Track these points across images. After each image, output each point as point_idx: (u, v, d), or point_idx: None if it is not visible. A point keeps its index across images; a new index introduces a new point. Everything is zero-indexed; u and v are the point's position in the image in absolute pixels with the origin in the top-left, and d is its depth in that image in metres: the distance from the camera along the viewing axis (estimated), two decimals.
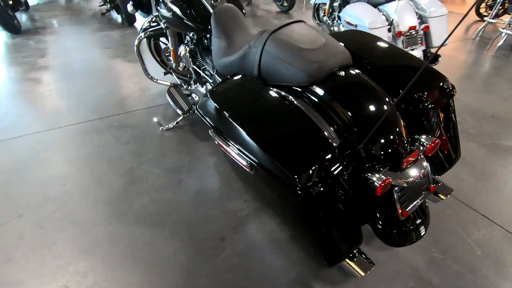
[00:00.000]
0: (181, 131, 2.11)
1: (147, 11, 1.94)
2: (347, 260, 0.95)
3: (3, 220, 1.43)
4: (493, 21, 4.53)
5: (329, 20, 4.01)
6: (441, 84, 1.08)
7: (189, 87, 2.07)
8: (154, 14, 2.16)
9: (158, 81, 2.40)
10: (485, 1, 5.67)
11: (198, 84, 1.92)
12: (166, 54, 2.49)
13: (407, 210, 0.94)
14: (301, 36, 1.08)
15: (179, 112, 1.97)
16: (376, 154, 0.91)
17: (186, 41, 1.83)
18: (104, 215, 1.47)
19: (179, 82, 2.27)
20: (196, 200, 1.56)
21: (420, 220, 1.01)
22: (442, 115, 1.15)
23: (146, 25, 2.29)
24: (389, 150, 0.91)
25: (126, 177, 1.69)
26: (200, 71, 1.86)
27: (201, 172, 1.75)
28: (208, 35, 1.66)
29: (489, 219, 1.48)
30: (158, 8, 1.74)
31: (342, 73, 1.01)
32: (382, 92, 0.99)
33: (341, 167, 0.85)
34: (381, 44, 1.27)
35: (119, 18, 4.86)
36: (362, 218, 1.00)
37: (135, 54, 2.18)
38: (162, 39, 2.47)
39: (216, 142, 1.09)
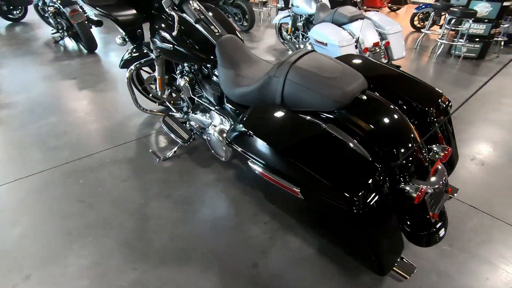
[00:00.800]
0: (179, 159, 2.07)
1: (139, 43, 1.91)
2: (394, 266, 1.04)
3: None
4: (429, 32, 5.21)
5: (293, 38, 4.27)
6: (440, 99, 1.26)
7: (185, 115, 2.06)
8: (132, 46, 2.15)
9: (150, 112, 2.35)
10: (418, 15, 6.49)
11: (198, 112, 1.93)
12: (150, 83, 2.45)
13: (436, 212, 1.07)
14: (320, 64, 1.18)
15: (179, 141, 1.95)
16: (407, 167, 1.03)
17: (184, 72, 1.84)
18: (125, 260, 1.39)
19: (174, 110, 2.24)
20: (217, 229, 1.55)
21: (441, 221, 1.15)
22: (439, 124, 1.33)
23: (127, 56, 2.24)
24: (418, 162, 1.04)
25: (137, 216, 1.62)
26: (201, 100, 1.87)
27: (213, 199, 1.74)
28: (209, 65, 1.70)
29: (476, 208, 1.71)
30: (155, 40, 1.73)
31: (364, 97, 1.12)
32: (398, 110, 1.13)
33: (385, 183, 0.95)
34: (377, 65, 1.43)
35: (76, 46, 4.61)
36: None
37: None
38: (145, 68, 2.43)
39: (257, 172, 1.12)
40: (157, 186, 1.83)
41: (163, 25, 1.67)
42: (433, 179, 1.07)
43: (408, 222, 1.08)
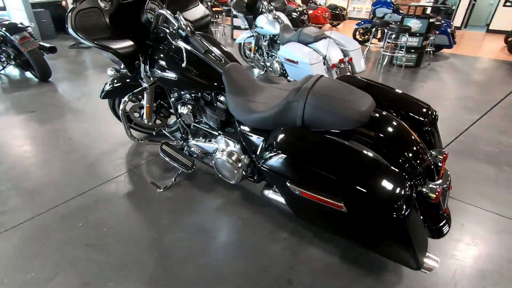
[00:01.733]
0: (181, 187, 2.04)
1: (135, 73, 1.86)
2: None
3: None
4: (372, 45, 5.87)
5: (258, 56, 4.47)
6: (429, 111, 1.48)
7: (184, 142, 2.04)
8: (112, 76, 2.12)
9: (144, 142, 2.28)
10: (358, 30, 7.25)
11: (198, 137, 1.94)
12: (135, 111, 2.39)
13: (446, 207, 1.26)
14: (334, 88, 1.32)
15: (182, 168, 1.93)
16: (423, 171, 1.20)
17: (185, 100, 1.84)
18: None
19: (172, 138, 2.20)
20: (240, 252, 1.57)
21: (447, 214, 1.35)
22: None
23: (108, 87, 2.17)
24: (431, 166, 1.22)
25: (155, 251, 1.56)
26: (201, 126, 1.89)
27: (227, 223, 1.76)
28: (212, 92, 1.74)
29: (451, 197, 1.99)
30: (154, 70, 1.72)
31: (377, 114, 1.28)
32: (404, 124, 1.31)
33: (413, 189, 1.10)
34: (372, 84, 1.62)
35: (23, 75, 4.20)
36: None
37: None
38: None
39: (296, 192, 1.20)
40: (165, 217, 1.78)
41: (164, 56, 1.68)
42: (444, 179, 1.26)
43: (428, 219, 1.25)
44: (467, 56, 6.60)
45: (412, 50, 5.24)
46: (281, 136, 1.29)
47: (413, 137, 1.26)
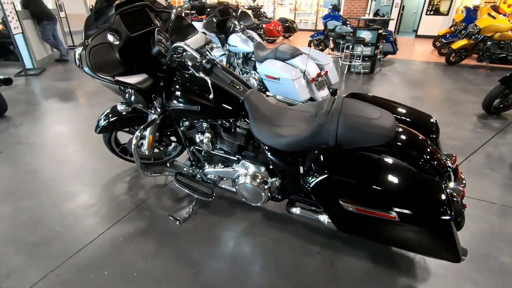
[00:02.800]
0: (199, 216, 2.00)
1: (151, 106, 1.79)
2: None
3: None
4: (330, 55, 6.32)
5: None
6: (432, 120, 1.69)
7: (200, 170, 2.01)
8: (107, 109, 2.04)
9: (156, 175, 2.18)
10: (313, 41, 7.74)
11: (216, 164, 1.93)
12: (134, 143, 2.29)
13: (465, 203, 1.46)
14: (360, 108, 1.45)
15: (202, 197, 1.90)
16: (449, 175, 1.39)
17: (204, 129, 1.83)
18: None
19: (186, 168, 2.13)
20: (282, 273, 1.60)
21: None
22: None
23: (104, 122, 2.06)
24: (452, 169, 1.41)
25: (198, 287, 1.52)
26: (218, 152, 1.89)
27: (259, 246, 1.78)
28: (231, 120, 1.76)
29: None
30: (172, 102, 1.69)
31: (400, 129, 1.45)
32: (420, 134, 1.49)
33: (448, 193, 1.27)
34: (379, 99, 1.78)
35: None
36: None
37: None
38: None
39: (350, 209, 1.29)
40: (195, 250, 1.74)
41: (184, 87, 1.66)
42: (461, 179, 1.46)
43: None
44: (407, 60, 7.47)
45: (366, 58, 5.79)
46: (324, 157, 1.38)
47: (431, 146, 1.45)
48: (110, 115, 2.12)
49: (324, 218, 1.64)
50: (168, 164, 2.20)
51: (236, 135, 1.78)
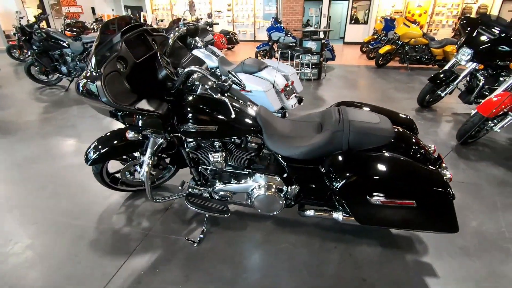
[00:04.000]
0: (213, 234, 2.01)
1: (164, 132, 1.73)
2: None
3: None
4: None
5: None
6: (409, 118, 2.01)
7: (210, 188, 2.01)
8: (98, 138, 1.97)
9: (166, 199, 2.11)
10: (259, 52, 8.08)
11: (228, 181, 1.96)
12: (128, 170, 2.20)
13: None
14: (364, 114, 1.68)
15: (218, 215, 1.92)
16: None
17: (215, 148, 1.85)
18: None
19: (197, 188, 2.09)
20: (313, 272, 1.73)
21: None
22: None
23: (95, 154, 1.96)
24: (439, 157, 1.73)
25: None
26: (228, 169, 1.93)
27: (282, 252, 1.87)
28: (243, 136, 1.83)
29: None
30: (187, 125, 1.69)
31: (396, 129, 1.71)
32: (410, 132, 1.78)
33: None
34: (365, 105, 2.05)
35: None
36: None
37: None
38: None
39: (377, 202, 1.49)
40: (224, 268, 1.75)
41: (200, 109, 1.67)
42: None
43: None
44: (344, 65, 8.34)
45: (313, 66, 6.32)
46: (345, 161, 1.56)
47: (420, 141, 1.75)
48: (101, 145, 2.01)
49: (338, 215, 1.82)
50: (180, 187, 2.14)
51: (247, 150, 1.86)
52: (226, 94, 1.74)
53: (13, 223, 2.11)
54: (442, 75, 4.29)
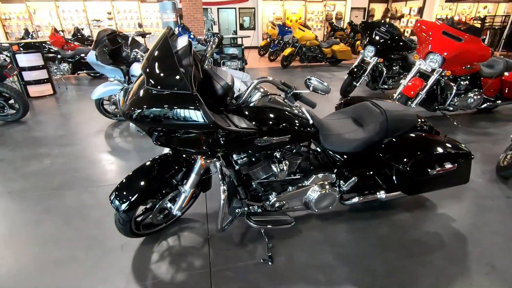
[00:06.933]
0: (276, 248, 1.94)
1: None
2: None
3: None
4: None
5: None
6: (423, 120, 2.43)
7: (266, 202, 1.90)
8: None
9: (228, 226, 1.88)
10: None
11: (289, 188, 1.92)
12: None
13: None
14: (392, 104, 1.99)
15: (285, 226, 1.87)
16: None
17: (276, 159, 1.77)
18: None
19: (254, 209, 1.94)
20: (383, 247, 1.94)
21: None
22: None
23: (124, 198, 1.62)
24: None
25: None
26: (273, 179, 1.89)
27: (357, 244, 2.00)
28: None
29: None
30: (259, 140, 1.57)
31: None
32: None
33: None
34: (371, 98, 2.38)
35: None
36: None
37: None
38: None
39: (434, 172, 1.80)
40: (315, 274, 1.75)
41: (274, 119, 1.60)
42: None
43: None
44: (254, 68, 8.89)
45: (239, 71, 6.52)
46: (403, 144, 1.86)
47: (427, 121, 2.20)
48: (130, 187, 1.65)
49: (381, 195, 2.08)
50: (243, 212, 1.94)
51: (300, 154, 1.89)
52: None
53: None
54: (356, 69, 5.24)
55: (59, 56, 7.19)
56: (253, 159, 1.81)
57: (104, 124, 4.29)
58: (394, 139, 1.92)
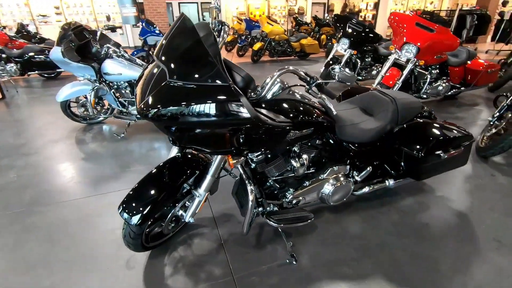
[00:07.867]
0: (297, 246, 1.87)
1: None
2: None
3: None
4: None
5: (97, 109, 3.78)
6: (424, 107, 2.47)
7: (285, 199, 1.80)
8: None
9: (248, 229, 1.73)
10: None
11: (306, 183, 1.85)
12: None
13: None
14: (399, 93, 2.01)
15: (306, 222, 1.79)
16: None
17: (295, 153, 1.68)
18: None
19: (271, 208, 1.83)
20: (399, 229, 1.96)
21: None
22: None
23: (137, 211, 1.44)
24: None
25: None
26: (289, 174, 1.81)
27: (376, 229, 1.99)
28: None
29: None
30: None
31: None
32: None
33: None
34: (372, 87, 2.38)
35: None
36: None
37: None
38: None
39: (445, 156, 1.84)
40: (345, 269, 1.70)
41: (300, 113, 1.51)
42: None
43: None
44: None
45: None
46: (416, 131, 1.88)
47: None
48: (142, 197, 1.46)
49: (390, 182, 2.11)
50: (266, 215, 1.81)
51: (316, 147, 1.83)
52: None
53: None
54: (331, 62, 5.33)
55: (3, 55, 6.35)
56: (269, 155, 1.70)
57: (72, 129, 3.86)
58: (405, 126, 1.94)
